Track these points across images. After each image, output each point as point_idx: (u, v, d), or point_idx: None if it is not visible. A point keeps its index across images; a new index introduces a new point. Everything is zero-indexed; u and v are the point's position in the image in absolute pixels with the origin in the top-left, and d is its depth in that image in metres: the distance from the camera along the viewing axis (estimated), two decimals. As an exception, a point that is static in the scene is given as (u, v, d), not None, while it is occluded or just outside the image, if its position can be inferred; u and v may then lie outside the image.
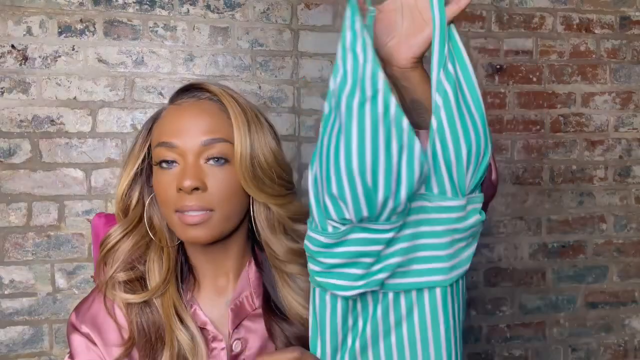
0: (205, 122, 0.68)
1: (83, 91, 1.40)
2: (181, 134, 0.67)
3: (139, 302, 0.70)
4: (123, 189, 0.72)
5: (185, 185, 0.64)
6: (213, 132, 0.67)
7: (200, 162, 0.67)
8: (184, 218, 0.66)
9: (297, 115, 1.52)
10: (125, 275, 0.71)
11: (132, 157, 0.72)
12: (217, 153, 0.67)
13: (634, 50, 1.72)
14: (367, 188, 0.51)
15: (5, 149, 1.37)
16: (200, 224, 0.66)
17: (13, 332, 1.38)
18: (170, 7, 1.44)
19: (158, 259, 0.71)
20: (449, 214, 0.57)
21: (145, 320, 0.69)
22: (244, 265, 0.75)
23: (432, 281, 0.57)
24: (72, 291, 1.41)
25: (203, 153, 0.67)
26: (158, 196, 0.70)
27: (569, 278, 1.70)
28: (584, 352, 1.72)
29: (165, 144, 0.67)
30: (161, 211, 0.72)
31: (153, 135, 0.71)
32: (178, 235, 0.70)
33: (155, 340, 0.69)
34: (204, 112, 0.69)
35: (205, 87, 0.71)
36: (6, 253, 1.37)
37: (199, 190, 0.65)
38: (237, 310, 0.72)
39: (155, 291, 0.70)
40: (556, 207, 1.69)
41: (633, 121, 1.73)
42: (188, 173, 0.65)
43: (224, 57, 1.47)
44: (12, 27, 1.36)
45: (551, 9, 1.66)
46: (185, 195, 0.65)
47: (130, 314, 0.70)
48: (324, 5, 1.53)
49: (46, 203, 1.39)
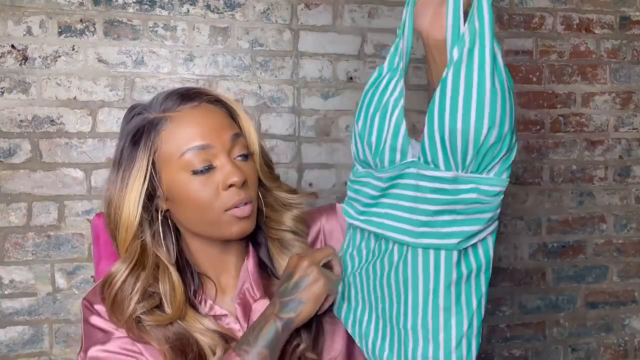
0: (220, 121, 0.70)
1: (83, 91, 1.40)
2: (208, 135, 0.68)
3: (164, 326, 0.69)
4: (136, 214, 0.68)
5: (237, 180, 0.67)
6: (232, 127, 0.71)
7: (232, 158, 0.70)
8: (237, 213, 0.68)
9: (297, 115, 1.52)
10: (147, 305, 0.68)
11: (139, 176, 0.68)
12: (243, 148, 0.71)
13: (634, 50, 1.72)
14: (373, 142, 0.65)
15: (5, 149, 1.37)
16: (248, 216, 0.70)
17: (13, 332, 1.38)
18: (170, 7, 1.44)
19: (167, 280, 0.70)
20: (432, 183, 0.60)
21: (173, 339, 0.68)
22: (243, 257, 0.77)
23: (397, 238, 0.64)
24: (72, 291, 1.41)
25: (233, 149, 0.70)
26: (197, 204, 0.67)
27: (569, 278, 1.70)
28: (584, 352, 1.72)
29: (196, 147, 0.67)
30: (198, 217, 0.69)
31: (163, 146, 0.68)
32: (223, 234, 0.70)
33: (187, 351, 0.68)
34: (214, 113, 0.71)
35: (198, 91, 0.73)
36: (6, 253, 1.37)
37: (245, 183, 0.69)
38: (243, 304, 0.74)
39: (178, 313, 0.69)
40: (556, 207, 1.69)
41: (633, 121, 1.73)
42: (233, 170, 0.68)
43: (224, 57, 1.47)
44: (12, 27, 1.36)
45: (551, 9, 1.66)
46: (236, 191, 0.68)
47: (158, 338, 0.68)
48: (324, 5, 1.53)
49: (46, 203, 1.39)
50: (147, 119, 0.69)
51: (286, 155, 1.51)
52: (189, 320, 0.69)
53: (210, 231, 0.70)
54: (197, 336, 0.68)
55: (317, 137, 1.53)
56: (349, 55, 1.54)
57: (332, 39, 1.53)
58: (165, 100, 0.70)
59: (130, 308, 0.67)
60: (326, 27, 1.53)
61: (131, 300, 0.68)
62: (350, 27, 1.54)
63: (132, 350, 0.68)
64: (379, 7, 1.56)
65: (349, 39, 1.54)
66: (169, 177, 0.68)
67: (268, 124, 1.50)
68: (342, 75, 1.54)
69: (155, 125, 0.68)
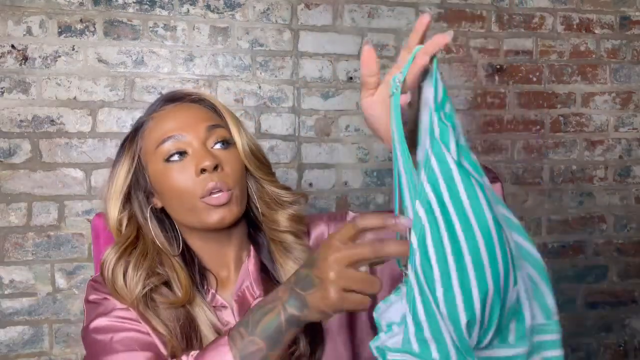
0: (201, 113, 0.73)
1: (83, 91, 1.40)
2: (185, 126, 0.71)
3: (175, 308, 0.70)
4: (116, 219, 0.73)
5: (207, 164, 0.68)
6: (211, 119, 0.73)
7: (207, 147, 0.71)
8: (211, 200, 0.69)
9: (297, 115, 1.52)
10: (155, 280, 0.70)
11: (122, 172, 0.74)
12: (221, 137, 0.72)
13: (634, 50, 1.72)
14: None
15: (5, 149, 1.37)
16: (226, 203, 0.69)
17: (13, 332, 1.38)
18: (170, 7, 1.44)
19: (170, 266, 0.72)
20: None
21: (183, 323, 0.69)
22: (243, 257, 0.77)
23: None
24: (72, 291, 1.41)
25: (209, 139, 0.71)
26: (174, 191, 0.70)
27: (569, 278, 1.70)
28: (584, 352, 1.72)
29: (171, 138, 0.70)
30: (177, 205, 0.72)
31: (144, 142, 0.73)
32: (202, 222, 0.70)
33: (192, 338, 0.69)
34: (194, 108, 0.74)
35: (183, 93, 0.76)
36: (6, 253, 1.37)
37: (218, 169, 0.69)
38: (241, 301, 0.75)
39: (186, 297, 0.70)
40: (556, 207, 1.69)
41: (633, 121, 1.73)
42: (205, 155, 0.69)
43: (224, 57, 1.47)
44: (12, 27, 1.36)
45: (551, 9, 1.66)
46: (207, 177, 0.68)
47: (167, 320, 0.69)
48: (324, 5, 1.52)
49: (46, 203, 1.39)
50: (137, 123, 0.76)
51: (286, 155, 1.51)
52: (196, 307, 0.71)
53: (192, 220, 0.72)
54: (202, 327, 0.70)
55: (317, 137, 1.53)
56: (349, 55, 1.54)
57: (332, 39, 1.53)
58: (153, 104, 0.76)
59: (139, 287, 0.68)
60: (326, 27, 1.53)
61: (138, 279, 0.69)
62: (350, 27, 1.54)
63: (133, 318, 0.69)
64: (379, 7, 1.56)
65: (349, 39, 1.54)
66: (152, 170, 0.73)
67: (268, 124, 1.50)
68: (342, 75, 1.54)
69: (141, 126, 0.75)
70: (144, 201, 0.74)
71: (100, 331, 0.67)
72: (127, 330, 0.67)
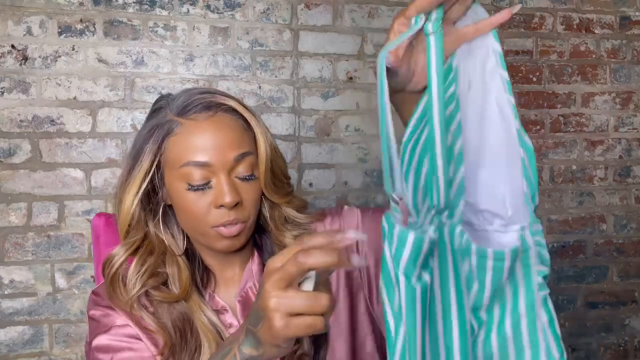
0: (230, 136, 0.68)
1: (83, 91, 1.40)
2: (211, 152, 0.67)
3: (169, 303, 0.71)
4: (131, 208, 0.70)
5: (228, 201, 0.66)
6: (239, 146, 0.69)
7: (231, 177, 0.69)
8: (222, 231, 0.68)
9: (297, 115, 1.52)
10: (154, 282, 0.71)
11: (138, 176, 0.70)
12: (247, 169, 0.69)
13: (634, 50, 1.72)
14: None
15: (5, 149, 1.37)
16: (236, 235, 0.69)
17: (13, 332, 1.38)
18: (170, 7, 1.44)
19: (174, 265, 0.73)
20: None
21: (176, 317, 0.71)
22: (248, 257, 0.78)
23: None
24: (72, 291, 1.41)
25: (234, 169, 0.68)
26: (186, 212, 0.69)
27: (569, 278, 1.70)
28: (584, 352, 1.72)
29: (196, 163, 0.67)
30: (189, 226, 0.72)
31: (168, 153, 0.69)
32: (210, 246, 0.71)
33: (187, 333, 0.70)
34: (226, 127, 0.69)
35: (214, 99, 0.70)
36: (6, 253, 1.37)
37: (238, 205, 0.68)
38: (244, 302, 0.75)
39: (183, 294, 0.71)
40: (556, 207, 1.69)
41: (633, 121, 1.73)
42: (227, 190, 0.67)
43: (224, 57, 1.47)
44: (12, 27, 1.36)
45: (551, 9, 1.66)
46: (225, 211, 0.67)
47: (161, 316, 0.70)
48: (324, 5, 1.52)
49: (46, 203, 1.39)
50: (164, 119, 0.70)
51: (286, 155, 1.51)
52: (193, 304, 0.71)
53: (200, 239, 0.72)
54: (198, 323, 0.70)
55: (317, 137, 1.53)
56: (349, 55, 1.54)
57: (332, 39, 1.53)
58: (184, 102, 0.70)
59: (137, 288, 0.70)
60: (326, 27, 1.53)
61: (137, 280, 0.70)
62: (350, 27, 1.54)
63: (132, 335, 0.70)
64: (379, 7, 1.56)
65: (349, 39, 1.54)
66: (170, 181, 0.70)
67: (268, 124, 1.49)
68: (342, 75, 1.54)
69: (167, 129, 0.70)
70: (158, 199, 0.73)
71: (101, 349, 0.69)
72: (127, 350, 0.68)
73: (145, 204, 0.72)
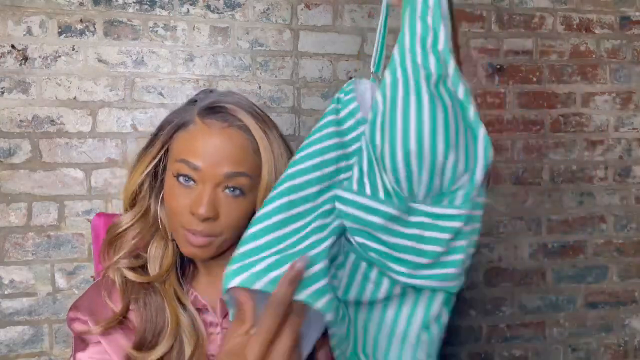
0: (232, 153, 0.68)
1: (83, 91, 1.40)
2: (206, 159, 0.67)
3: (140, 285, 0.73)
4: (137, 181, 0.73)
5: (200, 212, 0.66)
6: (237, 165, 0.68)
7: (217, 190, 0.68)
8: (188, 237, 0.69)
9: (297, 115, 1.52)
10: (130, 263, 0.74)
11: (149, 155, 0.73)
12: (236, 186, 0.68)
13: (634, 50, 1.72)
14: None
15: (5, 149, 1.37)
16: (202, 246, 0.69)
17: (13, 332, 1.38)
18: (170, 7, 1.44)
19: (162, 247, 0.75)
20: (372, 216, 0.58)
21: (148, 304, 0.72)
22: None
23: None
24: (72, 291, 1.41)
25: (223, 183, 0.68)
26: (168, 204, 0.71)
27: (569, 278, 1.70)
28: (584, 352, 1.72)
29: (188, 163, 0.68)
30: (168, 218, 0.74)
31: (175, 144, 0.71)
32: (179, 244, 0.72)
33: (158, 323, 0.71)
34: (232, 142, 0.68)
35: (236, 114, 0.70)
36: (6, 253, 1.37)
37: (210, 219, 0.67)
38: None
39: (158, 277, 0.73)
40: (556, 207, 1.69)
41: (633, 121, 1.73)
42: (205, 201, 0.67)
43: (224, 57, 1.47)
44: (12, 27, 1.36)
45: (551, 9, 1.66)
46: (196, 221, 0.68)
47: (129, 295, 0.72)
48: (324, 5, 1.53)
49: (46, 203, 1.39)
50: (187, 113, 0.72)
51: (286, 155, 1.52)
52: (168, 289, 0.73)
53: (173, 234, 0.74)
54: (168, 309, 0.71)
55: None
56: (349, 55, 1.54)
57: (332, 39, 1.53)
58: (210, 105, 0.71)
59: (121, 254, 0.74)
60: (326, 27, 1.53)
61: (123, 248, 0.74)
62: (350, 27, 1.54)
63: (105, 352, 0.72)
64: (379, 7, 1.55)
65: (349, 39, 1.54)
66: (167, 170, 0.73)
67: (268, 124, 1.50)
68: (342, 75, 1.54)
69: (183, 123, 0.71)
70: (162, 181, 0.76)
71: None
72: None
73: (152, 181, 0.75)
